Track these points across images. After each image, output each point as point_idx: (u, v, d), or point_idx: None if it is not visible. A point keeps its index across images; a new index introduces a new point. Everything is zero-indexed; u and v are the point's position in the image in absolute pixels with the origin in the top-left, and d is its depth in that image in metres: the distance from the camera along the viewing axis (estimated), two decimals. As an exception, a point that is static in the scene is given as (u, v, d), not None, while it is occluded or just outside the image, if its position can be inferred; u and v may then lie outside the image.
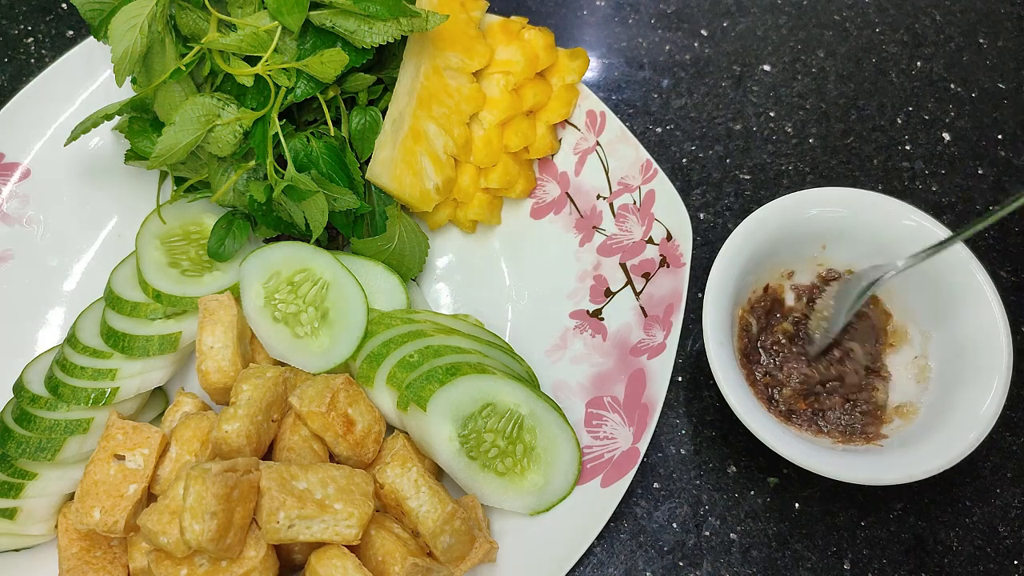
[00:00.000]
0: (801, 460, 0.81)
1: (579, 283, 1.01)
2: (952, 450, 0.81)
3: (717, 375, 0.84)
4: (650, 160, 1.00)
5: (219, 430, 0.79)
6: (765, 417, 0.84)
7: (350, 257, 0.97)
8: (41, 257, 1.04)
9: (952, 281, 0.89)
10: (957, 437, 0.81)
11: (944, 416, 0.85)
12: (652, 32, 1.27)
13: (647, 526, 0.93)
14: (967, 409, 0.83)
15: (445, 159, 1.00)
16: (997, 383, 0.83)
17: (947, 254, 0.87)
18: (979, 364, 0.85)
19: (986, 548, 0.91)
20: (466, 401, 0.85)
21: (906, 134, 1.18)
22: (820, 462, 0.81)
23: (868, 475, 0.81)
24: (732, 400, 0.83)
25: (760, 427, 0.82)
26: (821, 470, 0.81)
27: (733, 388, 0.84)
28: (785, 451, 0.81)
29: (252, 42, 0.89)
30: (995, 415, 0.81)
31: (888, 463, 0.82)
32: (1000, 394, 0.82)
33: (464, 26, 0.99)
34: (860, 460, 0.83)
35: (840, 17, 1.29)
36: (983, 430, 0.81)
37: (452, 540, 0.80)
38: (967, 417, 0.82)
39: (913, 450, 0.83)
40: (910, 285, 0.93)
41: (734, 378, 0.85)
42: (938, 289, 0.91)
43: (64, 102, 1.09)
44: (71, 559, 0.82)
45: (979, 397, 0.83)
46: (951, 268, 0.89)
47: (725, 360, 0.85)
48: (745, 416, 0.82)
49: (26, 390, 0.88)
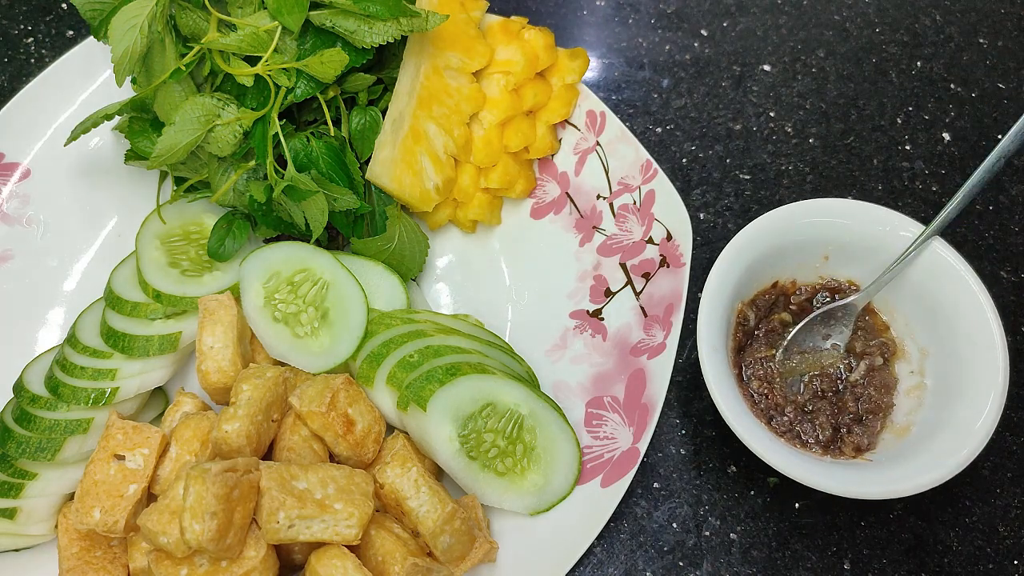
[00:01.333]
0: (788, 470, 0.80)
1: (579, 283, 1.01)
2: (945, 465, 0.79)
3: (709, 383, 0.84)
4: (650, 160, 1.00)
5: (219, 430, 0.79)
6: (755, 425, 0.83)
7: (350, 257, 0.97)
8: (41, 257, 1.04)
9: (949, 295, 0.88)
10: (951, 452, 0.80)
11: (938, 432, 0.84)
12: (652, 32, 1.27)
13: (647, 526, 0.93)
14: (961, 425, 0.82)
15: (445, 159, 1.00)
16: (992, 399, 0.82)
17: (944, 267, 0.87)
18: (975, 381, 0.84)
19: (986, 548, 0.91)
20: (466, 401, 0.85)
21: (906, 134, 1.18)
22: (807, 472, 0.80)
23: (857, 489, 0.79)
24: (722, 406, 0.83)
25: (752, 437, 0.81)
26: (809, 481, 0.80)
27: (725, 397, 0.83)
28: (774, 460, 0.80)
29: (252, 42, 0.89)
30: (990, 431, 0.80)
31: (877, 478, 0.81)
32: (996, 410, 0.81)
33: (464, 26, 0.99)
34: (847, 473, 0.82)
35: (840, 17, 1.29)
36: (977, 446, 0.80)
37: (452, 540, 0.80)
38: (961, 433, 0.81)
39: (905, 464, 0.82)
40: (908, 300, 0.93)
41: (727, 386, 0.84)
42: (935, 304, 0.90)
43: (64, 102, 1.09)
44: (71, 559, 0.82)
45: (974, 413, 0.82)
46: (947, 281, 0.88)
47: (718, 366, 0.85)
48: (735, 423, 0.82)
49: (26, 390, 0.88)
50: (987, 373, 0.83)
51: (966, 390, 0.84)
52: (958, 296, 0.87)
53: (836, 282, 0.97)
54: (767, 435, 0.83)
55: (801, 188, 1.14)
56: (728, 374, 0.86)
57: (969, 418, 0.82)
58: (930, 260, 0.89)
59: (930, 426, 0.86)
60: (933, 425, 0.85)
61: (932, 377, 0.90)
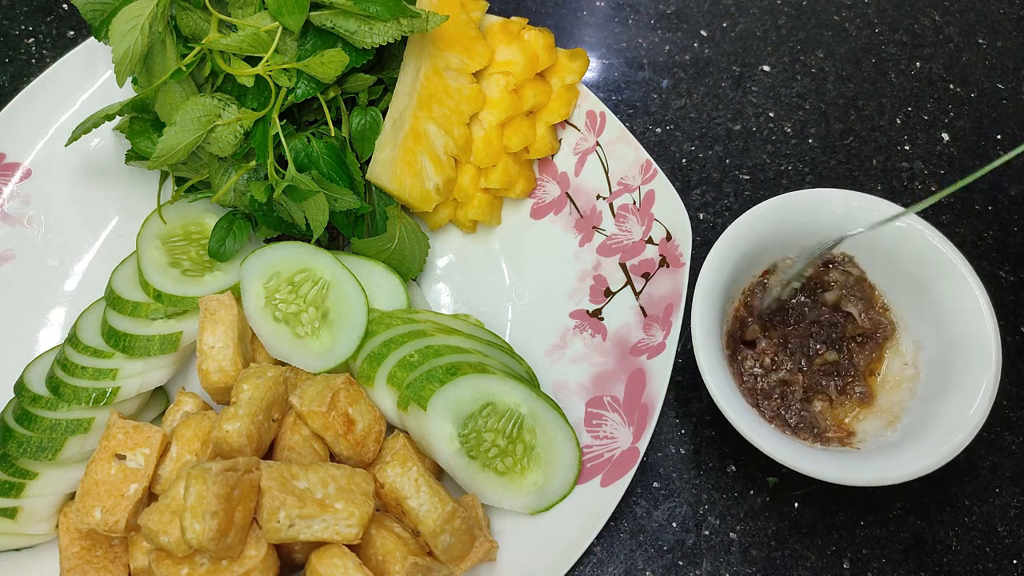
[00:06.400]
0: (778, 455, 0.80)
1: (579, 283, 1.02)
2: (936, 454, 0.80)
3: (702, 366, 0.84)
4: (650, 160, 1.00)
5: (220, 430, 0.79)
6: (747, 411, 0.84)
7: (350, 257, 0.98)
8: (42, 257, 1.04)
9: (943, 287, 0.89)
10: (941, 441, 0.81)
11: (929, 422, 0.84)
12: (652, 32, 1.27)
13: (647, 525, 0.93)
14: (953, 415, 0.82)
15: (445, 159, 1.00)
16: (984, 389, 0.82)
17: (939, 258, 0.87)
18: (968, 369, 0.84)
19: (985, 547, 0.92)
20: (466, 401, 0.85)
21: (905, 134, 1.18)
22: (797, 458, 0.80)
23: (846, 475, 0.80)
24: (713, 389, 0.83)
25: (745, 425, 0.82)
26: (798, 466, 0.80)
27: (718, 381, 0.83)
28: (764, 444, 0.81)
29: (253, 43, 0.89)
30: (981, 420, 0.81)
31: (867, 465, 0.81)
32: (987, 399, 0.81)
33: (464, 27, 0.99)
34: (837, 459, 0.82)
35: (839, 17, 1.29)
36: (968, 435, 0.80)
37: (452, 539, 0.81)
38: (953, 422, 0.82)
39: (896, 453, 0.82)
40: (904, 292, 0.93)
41: (720, 372, 0.84)
42: (930, 297, 0.90)
43: (65, 102, 1.09)
44: (72, 558, 0.82)
45: (966, 403, 0.82)
46: (943, 274, 0.88)
47: (712, 351, 0.85)
48: (728, 410, 0.82)
49: (27, 390, 0.88)
50: (980, 364, 0.84)
51: (959, 381, 0.85)
52: (953, 289, 0.88)
53: (829, 255, 0.97)
54: (758, 420, 0.84)
55: (800, 188, 1.14)
56: (722, 360, 0.87)
57: (961, 408, 0.82)
58: (926, 253, 0.89)
59: (922, 416, 0.86)
60: (925, 415, 0.86)
61: (925, 369, 0.90)
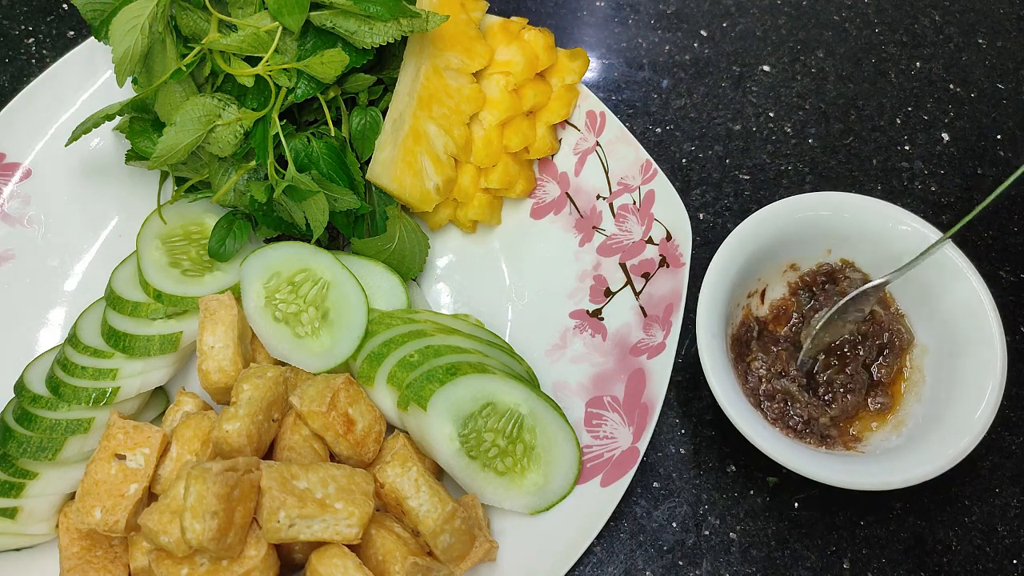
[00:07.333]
0: (782, 459, 0.81)
1: (579, 283, 1.02)
2: (941, 459, 0.80)
3: (706, 368, 0.84)
4: (650, 160, 1.00)
5: (220, 430, 0.79)
6: (751, 413, 0.84)
7: (350, 257, 0.98)
8: (42, 257, 1.04)
9: (948, 291, 0.89)
10: (946, 446, 0.81)
11: (934, 427, 0.84)
12: (652, 32, 1.27)
13: (647, 525, 0.93)
14: (958, 420, 0.82)
15: (445, 159, 1.00)
16: (989, 395, 0.82)
17: (944, 261, 0.87)
18: (973, 373, 0.84)
19: (985, 547, 0.92)
20: (466, 400, 0.85)
21: (905, 134, 1.18)
22: (802, 462, 0.80)
23: (850, 479, 0.80)
24: (718, 391, 0.83)
25: (747, 425, 0.82)
26: (803, 470, 0.80)
27: (722, 383, 0.83)
28: (769, 448, 0.81)
29: (253, 43, 0.89)
30: (986, 426, 0.81)
31: (871, 469, 0.81)
32: (992, 405, 0.81)
33: (464, 27, 0.99)
34: (841, 464, 0.82)
35: (839, 17, 1.29)
36: (972, 441, 0.80)
37: (452, 539, 0.81)
38: (957, 428, 0.82)
39: (900, 457, 0.82)
40: (910, 298, 0.93)
41: (724, 373, 0.85)
42: (938, 303, 0.90)
43: (65, 102, 1.09)
44: (72, 558, 0.82)
45: (971, 409, 0.82)
46: (948, 277, 0.88)
47: (716, 353, 0.85)
48: (729, 408, 0.82)
49: (27, 390, 0.88)
50: (985, 369, 0.84)
51: (964, 386, 0.85)
52: (960, 294, 0.88)
53: (829, 265, 0.97)
54: (762, 423, 0.84)
55: (800, 188, 1.14)
56: (726, 362, 0.87)
57: (966, 413, 0.82)
58: (933, 258, 0.89)
59: (927, 420, 0.86)
60: (930, 420, 0.86)
61: (931, 373, 0.90)
